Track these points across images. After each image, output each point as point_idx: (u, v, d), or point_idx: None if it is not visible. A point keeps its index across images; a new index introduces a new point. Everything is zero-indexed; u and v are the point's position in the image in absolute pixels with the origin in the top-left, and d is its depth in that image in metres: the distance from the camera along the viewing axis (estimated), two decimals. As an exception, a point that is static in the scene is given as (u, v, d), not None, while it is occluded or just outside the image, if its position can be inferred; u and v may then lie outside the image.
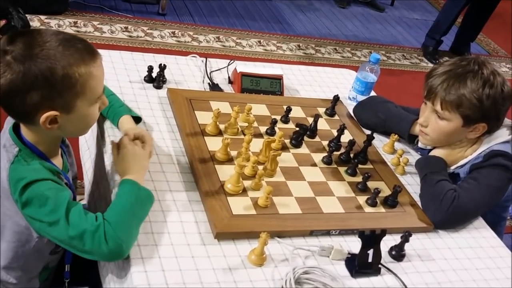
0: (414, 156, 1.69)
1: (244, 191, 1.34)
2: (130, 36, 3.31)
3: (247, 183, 1.36)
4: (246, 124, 1.54)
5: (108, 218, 1.11)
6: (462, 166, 1.58)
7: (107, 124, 1.45)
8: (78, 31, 3.19)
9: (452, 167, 1.59)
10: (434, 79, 1.51)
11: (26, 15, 3.12)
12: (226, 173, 1.37)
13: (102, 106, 1.22)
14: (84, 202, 1.62)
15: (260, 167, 1.41)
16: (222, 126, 1.51)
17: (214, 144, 1.45)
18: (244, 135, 1.48)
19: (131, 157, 1.25)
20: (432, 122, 1.55)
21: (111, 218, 1.11)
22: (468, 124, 1.50)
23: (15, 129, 1.18)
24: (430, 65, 4.18)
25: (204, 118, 1.53)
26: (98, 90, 1.16)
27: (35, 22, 3.13)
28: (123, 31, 3.33)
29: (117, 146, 1.28)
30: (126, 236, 1.11)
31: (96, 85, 1.15)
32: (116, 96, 1.47)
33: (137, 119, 1.46)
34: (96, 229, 1.08)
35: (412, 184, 1.58)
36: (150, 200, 1.21)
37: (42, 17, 3.19)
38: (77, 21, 3.27)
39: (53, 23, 3.19)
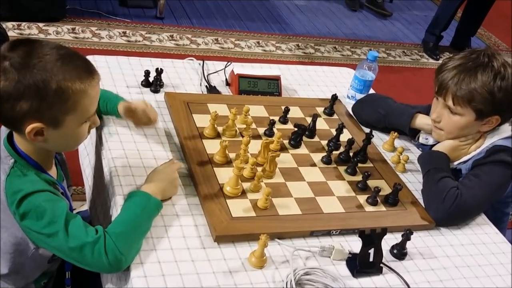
0: (414, 154, 1.69)
1: (243, 193, 1.34)
2: (129, 41, 3.31)
3: (246, 185, 1.36)
4: (244, 126, 1.54)
5: (109, 231, 1.11)
6: (465, 162, 1.57)
7: (105, 130, 1.45)
8: (76, 37, 3.19)
9: (455, 163, 1.58)
10: (445, 74, 1.50)
11: (24, 23, 3.14)
12: (225, 175, 1.36)
13: (93, 126, 1.21)
14: (86, 208, 1.62)
15: (259, 169, 1.41)
16: (220, 129, 1.51)
17: (212, 147, 1.44)
18: (243, 137, 1.47)
19: (160, 173, 1.27)
20: (445, 118, 1.54)
21: (113, 231, 1.11)
22: (481, 117, 1.49)
23: (9, 140, 1.18)
24: (431, 61, 4.17)
25: (202, 121, 1.52)
26: (90, 110, 1.16)
27: (33, 29, 3.14)
28: (121, 36, 3.34)
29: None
30: (127, 249, 1.11)
31: (88, 105, 1.14)
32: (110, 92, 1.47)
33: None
34: (96, 241, 1.08)
35: (413, 181, 1.58)
36: (159, 209, 1.21)
37: (40, 24, 3.19)
38: (75, 27, 3.27)
39: (51, 30, 3.19)
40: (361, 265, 1.24)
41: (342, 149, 1.58)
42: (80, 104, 1.11)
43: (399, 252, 1.31)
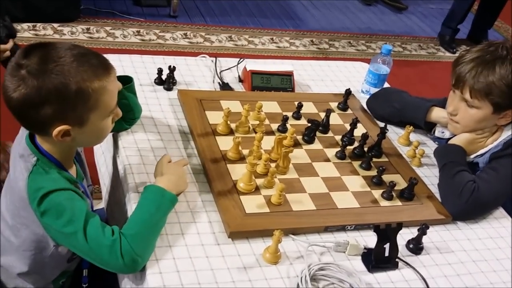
0: (430, 147, 1.67)
1: (256, 190, 1.33)
2: (143, 40, 3.33)
3: (259, 181, 1.35)
4: (257, 122, 1.54)
5: (125, 232, 1.11)
6: (481, 155, 1.55)
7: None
8: (91, 37, 3.22)
9: (472, 156, 1.57)
10: (462, 66, 1.48)
11: (39, 23, 3.17)
12: (238, 172, 1.36)
13: (116, 118, 1.22)
14: (102, 206, 1.63)
15: (273, 165, 1.40)
16: (233, 125, 1.51)
17: (225, 144, 1.44)
18: (256, 133, 1.47)
19: (168, 167, 1.27)
20: (462, 111, 1.52)
21: (129, 232, 1.11)
22: (498, 111, 1.48)
23: (31, 138, 1.19)
24: (448, 54, 4.12)
25: (215, 118, 1.52)
26: (111, 104, 1.17)
27: (48, 30, 3.17)
28: (136, 35, 3.36)
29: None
30: (142, 250, 1.11)
31: (109, 100, 1.15)
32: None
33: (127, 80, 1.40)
34: (113, 243, 1.09)
35: (429, 176, 1.56)
36: (173, 204, 1.21)
37: (55, 25, 3.22)
38: (89, 28, 3.30)
39: (66, 30, 3.22)
40: (376, 260, 1.23)
41: (356, 144, 1.57)
42: (101, 100, 1.13)
43: (415, 246, 1.30)
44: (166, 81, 1.65)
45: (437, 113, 1.65)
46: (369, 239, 1.29)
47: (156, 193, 1.19)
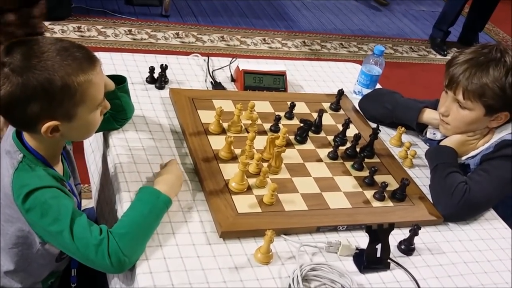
0: (422, 149, 1.67)
1: (248, 189, 1.33)
2: (134, 39, 3.31)
3: (251, 181, 1.35)
4: (250, 122, 1.53)
5: (114, 231, 1.10)
6: (473, 157, 1.56)
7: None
8: (82, 36, 3.20)
9: (463, 158, 1.57)
10: (456, 68, 1.49)
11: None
12: (230, 171, 1.35)
13: (104, 110, 1.21)
14: (92, 205, 1.61)
15: (265, 164, 1.40)
16: (225, 125, 1.50)
17: (217, 143, 1.43)
18: (248, 132, 1.46)
19: (164, 170, 1.27)
20: (454, 112, 1.53)
21: (118, 231, 1.10)
22: (490, 113, 1.48)
23: (18, 135, 1.18)
24: (439, 57, 4.15)
25: (207, 117, 1.51)
26: (98, 97, 1.15)
27: (39, 28, 3.14)
28: (127, 34, 3.34)
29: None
30: (131, 251, 1.10)
31: (95, 93, 1.14)
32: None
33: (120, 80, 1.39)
34: (100, 243, 1.07)
35: (420, 176, 1.56)
36: (168, 207, 1.20)
37: (46, 23, 3.19)
38: (80, 26, 3.28)
39: (57, 28, 3.20)
40: (368, 260, 1.22)
41: (348, 144, 1.56)
42: (88, 94, 1.11)
43: (407, 247, 1.30)
44: (158, 80, 1.64)
45: (428, 115, 1.65)
46: (361, 239, 1.29)
47: (150, 194, 1.18)
